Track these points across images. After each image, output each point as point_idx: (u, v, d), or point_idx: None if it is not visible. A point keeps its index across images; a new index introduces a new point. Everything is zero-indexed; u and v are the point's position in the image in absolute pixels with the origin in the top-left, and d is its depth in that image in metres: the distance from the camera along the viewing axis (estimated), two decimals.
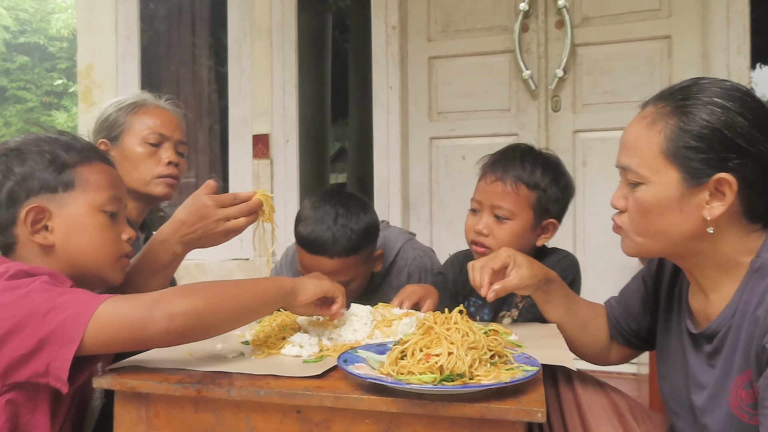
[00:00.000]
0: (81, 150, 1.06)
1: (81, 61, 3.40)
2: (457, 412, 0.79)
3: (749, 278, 0.90)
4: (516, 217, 1.36)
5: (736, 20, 2.51)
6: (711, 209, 0.89)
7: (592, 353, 1.24)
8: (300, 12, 3.15)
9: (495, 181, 1.37)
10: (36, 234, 1.00)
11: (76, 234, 1.02)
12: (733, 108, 0.88)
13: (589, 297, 2.93)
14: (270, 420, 0.87)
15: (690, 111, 0.89)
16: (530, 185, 1.36)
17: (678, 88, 0.94)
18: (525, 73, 2.77)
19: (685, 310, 1.04)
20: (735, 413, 0.90)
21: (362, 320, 1.14)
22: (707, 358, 0.97)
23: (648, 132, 0.93)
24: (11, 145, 1.04)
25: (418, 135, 3.02)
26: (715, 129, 0.87)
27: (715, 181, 0.88)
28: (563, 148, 2.77)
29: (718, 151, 0.87)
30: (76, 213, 1.02)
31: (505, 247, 1.20)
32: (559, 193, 1.39)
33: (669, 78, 2.64)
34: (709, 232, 0.90)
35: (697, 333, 0.99)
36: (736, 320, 0.90)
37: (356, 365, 0.89)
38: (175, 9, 3.55)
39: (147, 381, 0.90)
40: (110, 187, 1.07)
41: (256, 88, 3.15)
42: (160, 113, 1.56)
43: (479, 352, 0.85)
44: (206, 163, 3.51)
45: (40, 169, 1.01)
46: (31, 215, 0.99)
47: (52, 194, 1.01)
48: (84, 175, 1.04)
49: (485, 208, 1.38)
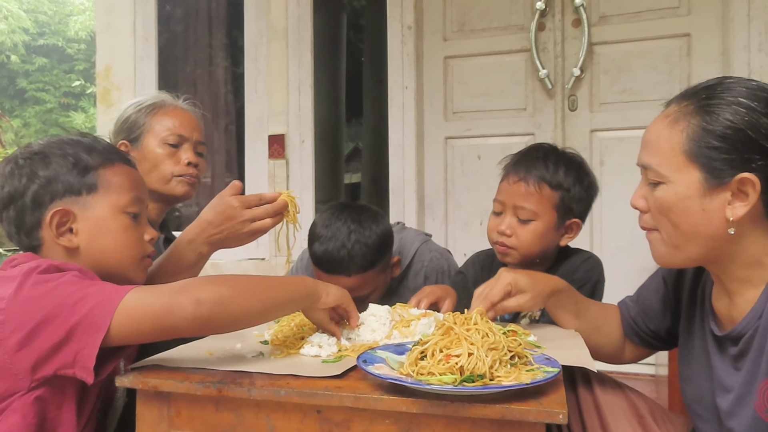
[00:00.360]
0: (103, 152, 1.07)
1: (99, 63, 3.44)
2: (478, 413, 0.79)
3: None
4: (539, 218, 1.35)
5: (757, 17, 2.47)
6: (734, 209, 0.88)
7: (605, 353, 1.23)
8: (315, 12, 3.16)
9: (518, 182, 1.36)
10: (61, 237, 1.01)
11: (100, 236, 1.03)
12: (758, 108, 0.86)
13: (607, 297, 2.90)
14: (290, 420, 0.88)
15: (714, 110, 0.88)
16: (553, 185, 1.35)
17: (702, 87, 0.93)
18: (541, 72, 2.75)
19: (709, 312, 1.03)
20: (762, 416, 0.89)
21: (380, 320, 1.14)
22: (732, 360, 0.96)
23: (670, 131, 0.92)
24: (35, 148, 1.05)
25: (433, 135, 3.01)
26: (739, 129, 0.86)
27: (737, 181, 0.87)
28: (580, 147, 2.74)
29: (742, 151, 0.86)
30: (100, 215, 1.04)
31: (506, 271, 1.16)
32: (583, 192, 1.38)
33: (688, 76, 2.61)
34: (731, 233, 0.89)
35: (721, 335, 0.98)
36: (762, 323, 0.89)
37: (376, 365, 0.89)
38: (192, 10, 3.58)
39: (169, 380, 0.91)
40: (132, 188, 1.08)
41: (271, 88, 3.16)
42: (178, 114, 1.58)
43: (500, 353, 0.85)
44: (222, 164, 3.54)
45: (63, 173, 1.02)
46: (56, 218, 1.01)
47: (76, 197, 1.02)
48: (106, 177, 1.05)
49: (508, 209, 1.38)
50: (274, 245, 3.13)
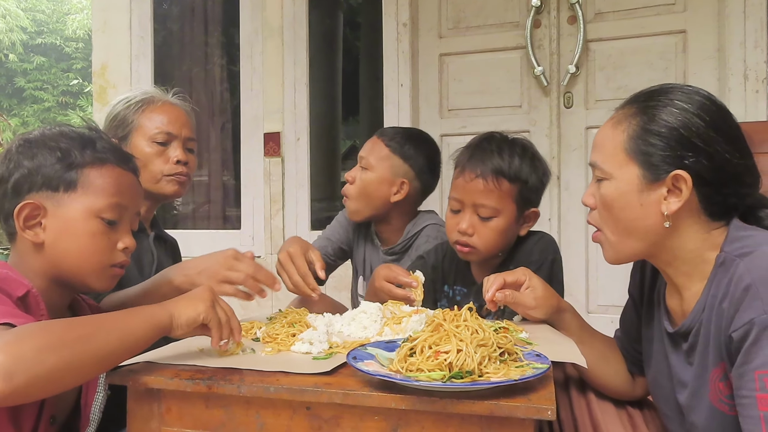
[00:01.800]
0: (99, 150, 1.04)
1: (96, 61, 3.43)
2: (466, 410, 0.79)
3: (715, 273, 0.93)
4: (501, 214, 1.34)
5: (753, 14, 2.47)
6: (668, 204, 0.93)
7: (615, 387, 1.18)
8: (311, 10, 3.16)
9: (475, 179, 1.34)
10: (27, 230, 1.00)
11: (65, 236, 1.00)
12: (690, 110, 0.93)
13: (603, 295, 2.90)
14: (280, 416, 0.88)
15: (652, 112, 0.95)
16: (511, 178, 1.34)
17: (646, 92, 1.00)
18: (537, 69, 2.75)
19: (663, 311, 1.05)
20: (716, 406, 0.91)
21: (372, 317, 1.14)
22: (685, 356, 0.99)
23: (613, 131, 0.99)
24: (30, 136, 1.03)
25: (428, 132, 2.98)
26: (673, 128, 0.93)
27: (672, 177, 0.92)
28: (575, 144, 2.75)
29: (675, 149, 0.93)
30: (70, 216, 1.00)
31: (523, 268, 1.21)
32: (539, 181, 1.39)
33: (684, 73, 2.61)
34: (666, 227, 0.94)
35: (673, 332, 1.01)
36: (705, 315, 0.92)
37: (365, 362, 0.89)
38: (187, 8, 3.58)
39: (159, 377, 0.91)
40: (115, 193, 1.03)
41: (267, 86, 3.16)
42: (167, 110, 1.55)
43: (489, 350, 0.85)
44: (218, 162, 3.54)
45: (47, 165, 1.00)
46: (25, 211, 0.99)
47: (52, 192, 1.00)
48: (90, 177, 1.02)
49: (467, 207, 1.35)
50: (269, 243, 3.13)
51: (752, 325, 0.81)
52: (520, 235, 1.42)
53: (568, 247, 2.72)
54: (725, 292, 0.88)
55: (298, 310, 1.23)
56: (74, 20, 15.45)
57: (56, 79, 15.57)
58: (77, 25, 15.27)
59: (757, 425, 0.80)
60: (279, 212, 3.14)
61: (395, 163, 1.71)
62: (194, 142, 1.61)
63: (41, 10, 16.06)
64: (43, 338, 0.79)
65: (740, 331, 0.83)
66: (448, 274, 1.51)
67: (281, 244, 1.47)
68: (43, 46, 15.51)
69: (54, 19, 16.05)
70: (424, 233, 1.74)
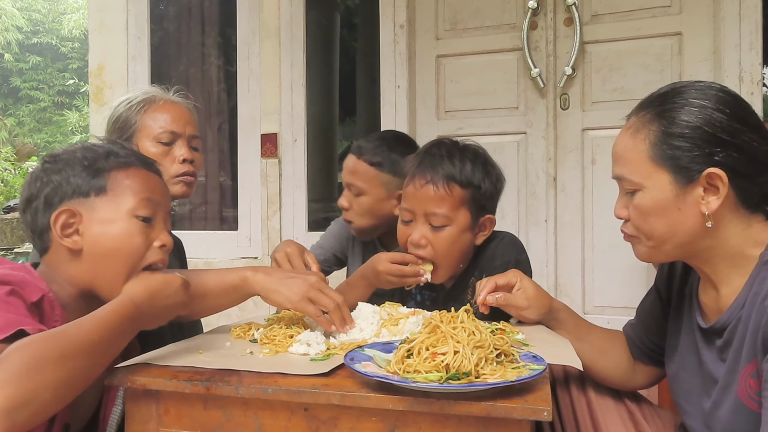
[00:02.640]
0: (122, 156, 1.06)
1: (92, 62, 3.43)
2: (463, 411, 0.80)
3: (759, 270, 0.91)
4: (453, 222, 1.28)
5: (748, 16, 2.48)
6: (708, 204, 0.92)
7: (614, 378, 1.20)
8: (308, 11, 3.16)
9: (425, 185, 1.28)
10: (65, 238, 1.00)
11: (103, 239, 1.01)
12: (709, 105, 0.92)
13: (599, 296, 2.91)
14: (278, 417, 0.88)
15: (669, 114, 0.94)
16: (463, 183, 1.28)
17: (656, 95, 0.99)
18: (533, 71, 2.76)
19: (696, 307, 1.05)
20: (745, 402, 0.91)
21: (369, 319, 1.15)
22: (719, 352, 0.98)
23: (633, 141, 0.97)
24: (54, 153, 1.06)
25: (425, 133, 3.01)
26: (696, 127, 0.91)
27: (706, 177, 0.91)
28: (572, 146, 2.76)
29: (703, 147, 0.91)
30: (106, 218, 1.02)
31: (513, 270, 1.21)
32: (492, 187, 1.33)
33: (680, 75, 2.62)
34: (708, 227, 0.92)
35: (707, 327, 1.00)
36: (745, 312, 0.91)
37: (363, 363, 0.90)
38: (184, 9, 3.57)
39: (157, 378, 0.92)
40: (144, 190, 1.05)
41: (264, 87, 3.16)
42: (170, 108, 1.54)
43: (485, 351, 0.86)
44: (215, 162, 3.53)
45: (74, 174, 1.02)
46: (61, 218, 1.00)
47: (84, 198, 1.01)
48: (118, 179, 1.03)
49: (418, 216, 1.29)
50: (267, 244, 3.14)
51: None
52: (477, 245, 1.37)
53: (564, 248, 2.73)
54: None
55: (294, 311, 1.23)
56: (70, 20, 15.42)
57: (52, 78, 15.54)
58: (73, 24, 15.25)
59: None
60: (276, 213, 3.14)
61: (386, 180, 1.65)
62: (198, 139, 1.59)
63: (37, 9, 16.02)
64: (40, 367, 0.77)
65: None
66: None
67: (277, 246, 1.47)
68: (39, 45, 15.47)
69: (50, 19, 16.01)
70: None
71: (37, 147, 13.41)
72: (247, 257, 3.17)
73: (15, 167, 9.80)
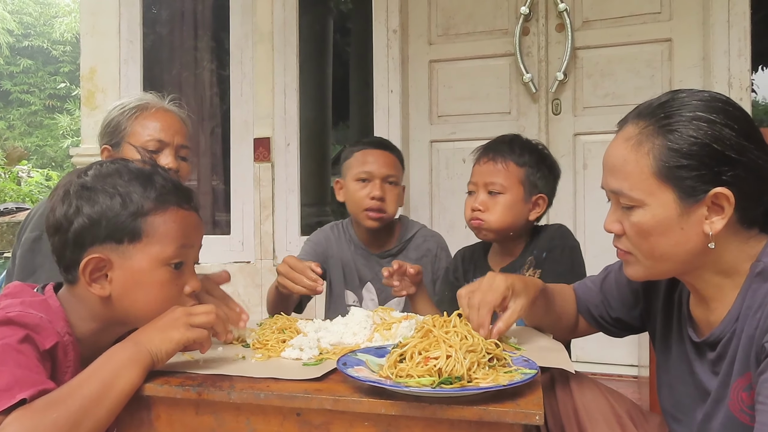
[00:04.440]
0: (159, 192, 1.00)
1: (84, 65, 3.41)
2: (456, 415, 0.80)
3: (750, 282, 0.90)
4: (508, 191, 1.49)
5: (737, 23, 2.51)
6: (712, 224, 0.88)
7: (558, 332, 1.23)
8: (301, 16, 3.17)
9: (487, 162, 1.52)
10: (93, 283, 0.97)
11: (134, 288, 0.98)
12: (718, 120, 0.87)
13: None
14: (270, 422, 0.88)
15: (675, 129, 0.89)
16: (519, 163, 1.50)
17: (657, 104, 0.93)
18: (526, 76, 2.78)
19: (686, 319, 1.04)
20: (736, 415, 0.90)
21: (361, 323, 1.15)
22: (711, 365, 0.97)
23: (636, 154, 0.91)
24: (88, 179, 0.99)
25: (418, 138, 3.02)
26: (704, 144, 0.87)
27: (712, 196, 0.87)
28: (564, 151, 2.77)
29: (710, 165, 0.87)
30: (138, 267, 0.98)
31: (496, 276, 1.09)
32: (546, 170, 1.54)
33: (670, 80, 2.65)
34: (711, 247, 0.89)
35: (699, 341, 0.99)
36: (738, 325, 0.90)
37: (355, 368, 0.90)
38: (177, 13, 3.57)
39: (149, 383, 0.91)
40: (180, 237, 1.01)
41: (257, 91, 3.16)
42: (161, 117, 1.54)
43: (477, 355, 0.86)
44: (208, 167, 3.52)
45: (109, 216, 0.96)
46: (90, 265, 0.96)
47: (117, 244, 0.97)
48: (154, 225, 0.99)
49: (480, 187, 1.52)
50: (259, 248, 3.13)
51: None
52: (531, 221, 1.54)
53: None
54: (762, 301, 0.85)
55: (287, 316, 1.23)
56: (62, 23, 15.35)
57: (43, 82, 15.45)
58: (65, 28, 15.18)
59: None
60: (269, 218, 3.13)
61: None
62: (187, 149, 1.59)
63: (28, 12, 15.94)
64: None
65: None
66: (467, 272, 1.64)
67: (271, 250, 1.50)
68: (30, 48, 15.39)
69: (41, 22, 15.93)
70: (420, 234, 1.85)
71: (28, 151, 13.32)
72: (240, 261, 3.16)
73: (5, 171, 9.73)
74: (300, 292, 1.43)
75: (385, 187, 1.75)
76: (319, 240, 1.88)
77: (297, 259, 1.45)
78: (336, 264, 1.85)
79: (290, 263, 1.44)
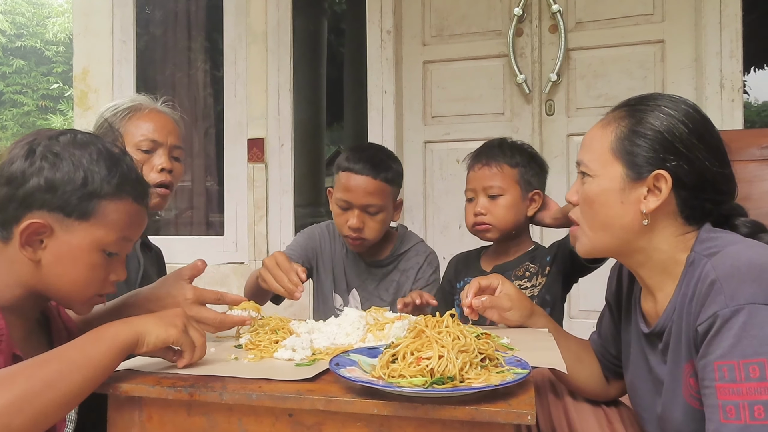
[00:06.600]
0: (120, 182, 1.00)
1: (77, 66, 3.40)
2: (448, 415, 0.80)
3: (685, 273, 0.96)
4: (507, 191, 1.55)
5: (729, 25, 2.53)
6: (647, 203, 0.98)
7: (590, 388, 1.22)
8: (295, 16, 3.16)
9: (481, 167, 1.57)
10: (26, 246, 0.96)
11: (64, 262, 0.98)
12: (676, 116, 0.98)
13: (584, 301, 2.92)
14: (262, 423, 0.88)
15: (640, 116, 1.00)
16: (511, 164, 1.57)
17: (637, 97, 1.05)
18: (519, 77, 2.79)
19: (638, 314, 1.08)
20: (689, 402, 0.94)
21: (354, 324, 1.15)
22: (661, 355, 1.02)
23: (602, 132, 1.03)
24: (57, 144, 0.98)
25: (412, 139, 3.03)
26: (658, 132, 0.98)
27: (653, 177, 0.97)
28: (557, 151, 2.78)
29: (659, 151, 0.97)
30: (76, 244, 0.98)
31: (495, 274, 1.28)
32: (537, 167, 1.61)
33: (662, 82, 2.66)
34: (644, 225, 0.98)
35: (648, 332, 1.04)
36: (677, 313, 0.96)
37: (348, 368, 0.90)
38: (170, 13, 3.56)
39: (140, 385, 0.91)
40: (124, 228, 1.01)
41: (251, 92, 3.16)
42: (154, 117, 1.55)
43: (470, 355, 0.86)
44: (201, 167, 3.52)
45: (66, 188, 0.96)
46: (31, 228, 0.95)
47: (64, 216, 0.96)
48: (106, 210, 0.98)
49: (479, 193, 1.57)
50: (253, 249, 3.12)
51: (715, 318, 0.85)
52: (530, 216, 1.60)
53: None
54: (694, 290, 0.92)
55: (280, 317, 1.23)
56: (55, 23, 15.26)
57: (36, 82, 15.36)
58: (58, 28, 15.09)
59: (716, 413, 0.83)
60: (263, 218, 3.13)
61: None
62: (181, 150, 1.59)
63: (21, 13, 15.84)
64: (4, 399, 0.78)
65: (704, 324, 0.86)
66: (459, 273, 1.68)
67: (265, 251, 1.48)
68: (23, 49, 15.29)
69: (34, 23, 15.84)
70: (415, 249, 1.83)
71: None
72: (234, 262, 3.15)
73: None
74: (277, 291, 1.37)
75: (364, 217, 1.67)
76: (313, 234, 1.86)
77: (286, 258, 1.40)
78: (326, 263, 1.84)
79: (278, 260, 1.39)
